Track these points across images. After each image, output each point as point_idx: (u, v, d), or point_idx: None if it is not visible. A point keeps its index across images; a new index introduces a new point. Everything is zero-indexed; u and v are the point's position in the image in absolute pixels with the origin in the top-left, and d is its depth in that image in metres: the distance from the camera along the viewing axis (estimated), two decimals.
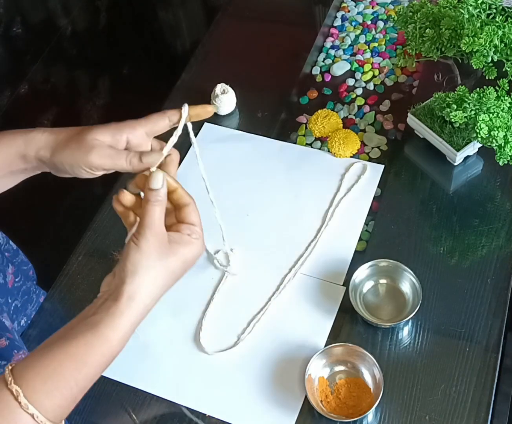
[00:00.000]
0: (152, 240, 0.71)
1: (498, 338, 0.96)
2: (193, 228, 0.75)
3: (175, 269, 0.73)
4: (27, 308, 1.12)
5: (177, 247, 0.73)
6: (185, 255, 0.74)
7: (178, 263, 0.73)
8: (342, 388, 0.92)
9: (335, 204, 1.14)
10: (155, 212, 0.72)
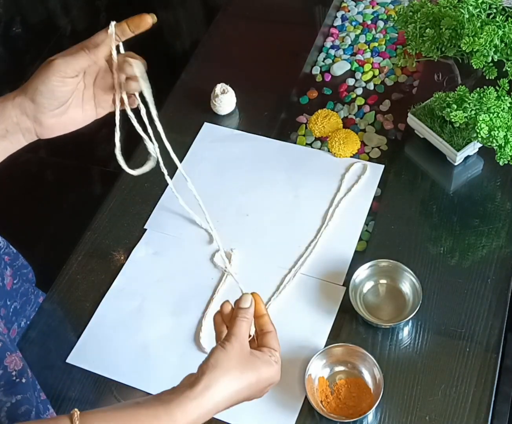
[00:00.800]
0: (236, 346, 0.76)
1: (498, 338, 0.96)
2: (274, 352, 0.79)
3: (250, 382, 0.76)
4: (26, 309, 1.12)
5: (257, 361, 0.77)
6: (262, 373, 0.77)
7: (254, 377, 0.76)
8: (342, 389, 0.92)
9: (335, 204, 1.14)
10: (242, 326, 0.78)
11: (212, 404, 0.72)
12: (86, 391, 0.98)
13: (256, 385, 0.77)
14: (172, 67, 2.27)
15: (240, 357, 0.75)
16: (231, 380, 0.74)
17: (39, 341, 1.04)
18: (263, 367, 0.77)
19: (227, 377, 0.73)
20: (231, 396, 0.74)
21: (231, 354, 0.75)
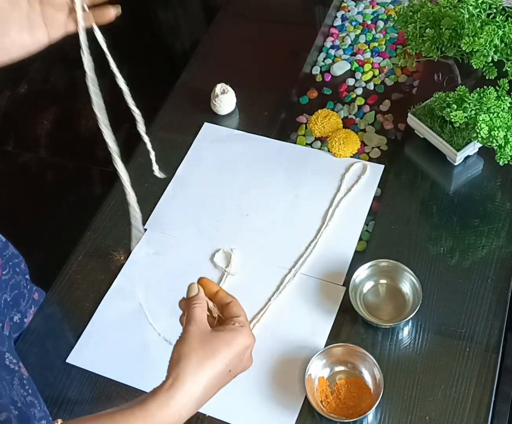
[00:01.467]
0: (193, 331, 0.76)
1: (498, 338, 0.96)
2: (236, 318, 0.79)
3: (221, 356, 0.75)
4: (20, 304, 1.10)
5: (220, 334, 0.76)
6: (231, 342, 0.76)
7: (223, 350, 0.75)
8: (342, 389, 0.92)
9: (335, 204, 1.14)
10: (194, 311, 0.78)
11: (189, 393, 0.72)
12: (86, 391, 0.98)
13: (231, 356, 0.75)
14: (172, 67, 2.27)
15: (200, 339, 0.75)
16: (198, 363, 0.73)
17: (39, 341, 1.04)
18: (228, 335, 0.76)
19: (192, 362, 0.73)
20: (208, 377, 0.74)
21: (190, 340, 0.75)
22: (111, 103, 0.86)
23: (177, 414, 0.72)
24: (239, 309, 0.80)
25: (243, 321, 0.79)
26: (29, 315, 1.11)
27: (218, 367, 0.75)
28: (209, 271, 1.08)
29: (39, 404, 0.90)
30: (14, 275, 1.10)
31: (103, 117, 0.79)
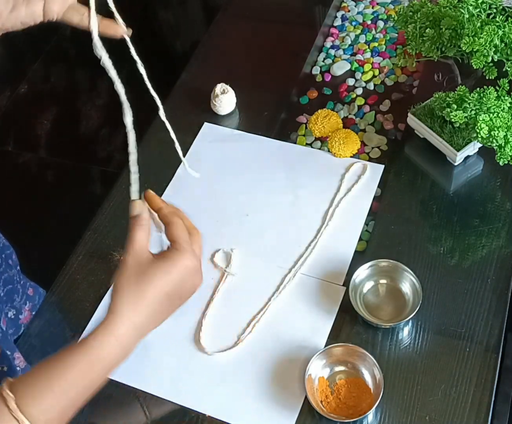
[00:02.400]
0: (129, 260, 0.74)
1: (498, 339, 0.96)
2: (175, 243, 0.76)
3: (156, 285, 0.73)
4: (14, 300, 1.10)
5: (157, 263, 0.74)
6: (167, 270, 0.74)
7: (158, 278, 0.73)
8: (342, 389, 0.92)
9: (335, 204, 1.14)
10: (135, 235, 0.75)
11: (126, 320, 0.71)
12: None
13: (170, 285, 0.74)
14: (172, 67, 2.27)
15: (136, 271, 0.73)
16: (135, 297, 0.72)
17: (39, 341, 1.04)
18: (167, 265, 0.74)
19: (128, 296, 0.72)
20: (147, 309, 0.72)
21: (126, 272, 0.73)
22: (111, 103, 0.86)
23: (117, 345, 0.71)
24: (179, 231, 0.76)
25: (181, 245, 0.75)
26: (24, 311, 1.11)
27: (157, 298, 0.73)
28: (209, 271, 1.08)
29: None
30: (7, 269, 1.10)
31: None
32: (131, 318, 0.71)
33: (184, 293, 0.76)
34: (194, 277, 0.76)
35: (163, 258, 0.74)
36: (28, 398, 0.66)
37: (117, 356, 0.71)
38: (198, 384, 0.97)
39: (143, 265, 0.73)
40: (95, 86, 2.38)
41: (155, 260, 0.74)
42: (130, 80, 0.85)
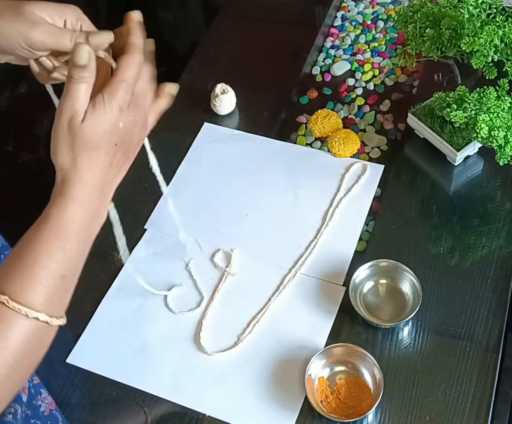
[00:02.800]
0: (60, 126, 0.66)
1: (498, 339, 0.96)
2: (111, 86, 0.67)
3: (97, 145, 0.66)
4: None
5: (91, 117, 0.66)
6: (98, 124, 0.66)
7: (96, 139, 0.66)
8: (342, 389, 0.92)
9: (335, 204, 1.14)
10: (78, 90, 0.65)
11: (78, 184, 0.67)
12: (86, 391, 0.98)
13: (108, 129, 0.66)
14: (172, 67, 2.27)
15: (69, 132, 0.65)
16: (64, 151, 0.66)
17: None
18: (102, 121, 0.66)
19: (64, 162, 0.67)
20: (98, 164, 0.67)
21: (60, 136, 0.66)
22: None
23: (77, 206, 0.68)
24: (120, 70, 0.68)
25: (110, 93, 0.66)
26: None
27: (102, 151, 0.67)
28: (209, 271, 1.08)
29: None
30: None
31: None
32: (88, 179, 0.67)
33: (134, 136, 0.71)
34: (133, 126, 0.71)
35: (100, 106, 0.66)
36: (20, 292, 0.63)
37: (82, 219, 0.68)
38: (198, 384, 0.97)
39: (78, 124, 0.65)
40: None
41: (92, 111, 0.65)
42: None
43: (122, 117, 0.68)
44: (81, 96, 0.65)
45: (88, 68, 0.65)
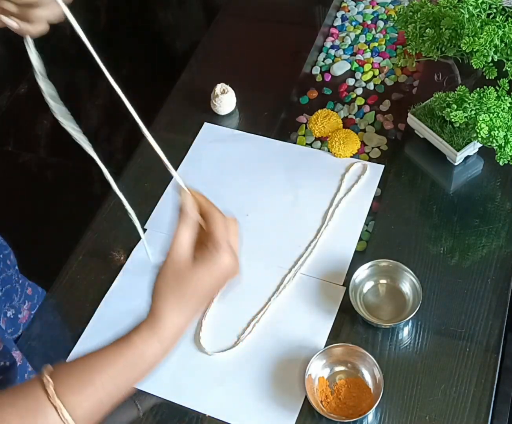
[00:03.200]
0: (170, 262, 0.73)
1: (498, 339, 0.96)
2: (213, 241, 0.75)
3: (198, 285, 0.73)
4: (13, 300, 1.10)
5: (198, 264, 0.73)
6: (208, 269, 0.73)
7: (201, 278, 0.73)
8: (342, 389, 0.92)
9: (335, 204, 1.14)
10: (178, 234, 0.74)
11: (169, 327, 0.72)
12: None
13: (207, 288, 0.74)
14: (172, 67, 2.27)
15: (177, 276, 0.72)
16: (176, 301, 0.72)
17: (39, 341, 1.04)
18: (210, 263, 0.73)
19: (169, 300, 0.72)
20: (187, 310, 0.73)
21: (166, 276, 0.73)
22: (111, 103, 0.86)
23: (159, 347, 0.72)
24: (217, 226, 0.76)
25: (220, 242, 0.75)
26: (22, 310, 1.10)
27: (197, 299, 0.74)
28: None
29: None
30: (5, 269, 1.10)
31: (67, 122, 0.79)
32: (174, 321, 0.72)
33: (221, 287, 0.77)
34: (231, 274, 0.77)
35: (202, 261, 0.73)
36: (67, 386, 0.67)
37: (158, 358, 0.72)
38: (198, 384, 0.97)
39: (184, 270, 0.73)
40: (95, 86, 2.38)
41: (195, 264, 0.73)
42: (130, 79, 0.85)
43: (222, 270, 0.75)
44: (183, 239, 0.73)
45: (187, 212, 0.75)
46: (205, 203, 0.79)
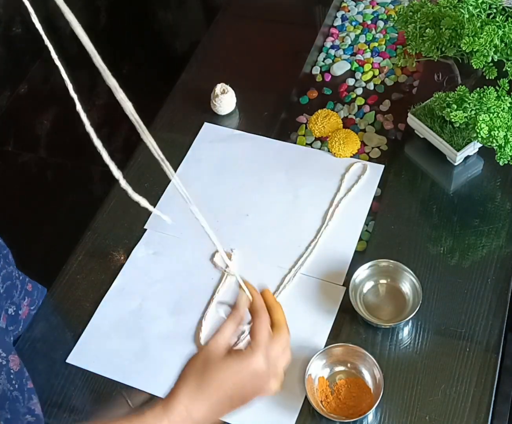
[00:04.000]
0: (205, 349, 0.72)
1: (498, 338, 0.96)
2: (253, 341, 0.73)
3: (217, 382, 0.71)
4: (14, 296, 1.10)
5: (226, 360, 0.72)
6: (235, 367, 0.71)
7: (222, 375, 0.71)
8: (342, 389, 0.92)
9: (335, 204, 1.14)
10: (224, 326, 0.74)
11: (183, 414, 0.70)
12: (86, 391, 0.98)
13: (230, 385, 0.71)
14: (172, 67, 2.27)
15: (205, 363, 0.71)
16: (195, 388, 0.70)
17: (39, 341, 1.04)
18: (235, 363, 0.71)
19: (189, 384, 0.70)
20: (205, 404, 0.70)
21: (196, 361, 0.72)
22: (111, 103, 0.86)
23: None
24: (261, 328, 0.73)
25: (258, 344, 0.72)
26: (23, 306, 1.10)
27: (217, 396, 0.71)
28: (209, 271, 1.08)
29: (23, 400, 0.90)
30: (5, 265, 1.09)
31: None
32: (188, 409, 0.70)
33: (248, 395, 0.74)
34: (260, 381, 0.73)
35: (233, 356, 0.72)
36: None
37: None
38: None
39: (214, 360, 0.71)
40: (95, 86, 2.38)
41: (226, 357, 0.72)
42: (130, 79, 0.85)
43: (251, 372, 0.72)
44: (225, 332, 0.73)
45: (239, 311, 0.75)
46: (258, 301, 0.77)
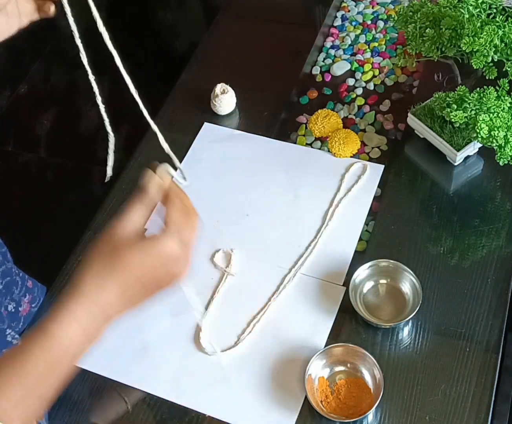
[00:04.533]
0: (110, 232, 0.67)
1: (498, 339, 0.96)
2: (165, 226, 0.70)
3: (125, 264, 0.66)
4: (13, 292, 1.09)
5: (138, 241, 0.67)
6: (144, 249, 0.67)
7: (131, 258, 0.66)
8: (342, 389, 0.92)
9: (335, 204, 1.14)
10: (129, 208, 0.69)
11: (92, 308, 0.65)
12: (86, 391, 0.98)
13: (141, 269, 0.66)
14: (172, 67, 2.27)
15: (113, 247, 0.66)
16: (102, 271, 0.65)
17: None
18: (145, 246, 0.67)
19: (96, 268, 0.65)
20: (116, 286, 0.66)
21: (101, 244, 0.67)
22: (111, 103, 0.86)
23: (81, 330, 0.66)
24: (174, 211, 0.70)
25: (170, 227, 0.69)
26: (23, 303, 1.10)
27: (127, 280, 0.66)
28: (209, 271, 1.08)
29: None
30: (4, 262, 1.09)
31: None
32: (97, 300, 0.65)
33: (162, 280, 0.69)
34: (173, 265, 0.69)
35: (145, 241, 0.67)
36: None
37: (82, 344, 0.66)
38: (198, 384, 0.97)
39: (122, 243, 0.66)
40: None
41: (136, 241, 0.67)
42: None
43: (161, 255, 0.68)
44: (132, 214, 0.68)
45: (146, 192, 0.69)
46: (174, 191, 0.72)
